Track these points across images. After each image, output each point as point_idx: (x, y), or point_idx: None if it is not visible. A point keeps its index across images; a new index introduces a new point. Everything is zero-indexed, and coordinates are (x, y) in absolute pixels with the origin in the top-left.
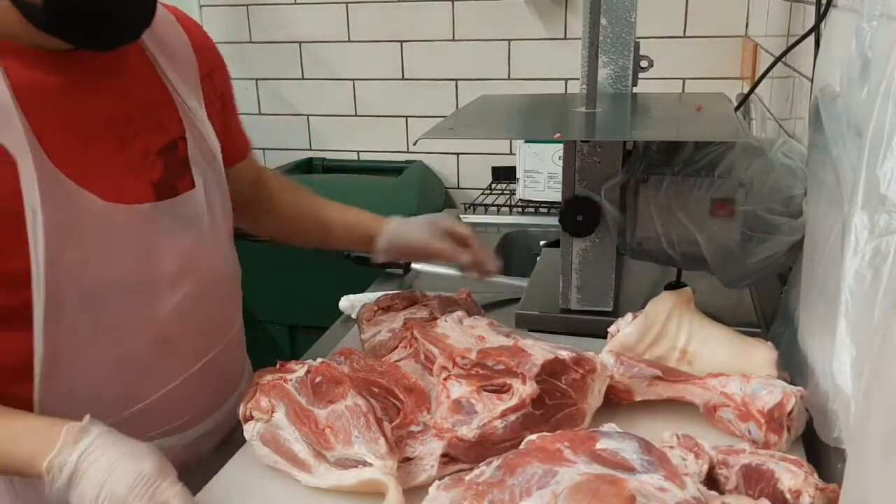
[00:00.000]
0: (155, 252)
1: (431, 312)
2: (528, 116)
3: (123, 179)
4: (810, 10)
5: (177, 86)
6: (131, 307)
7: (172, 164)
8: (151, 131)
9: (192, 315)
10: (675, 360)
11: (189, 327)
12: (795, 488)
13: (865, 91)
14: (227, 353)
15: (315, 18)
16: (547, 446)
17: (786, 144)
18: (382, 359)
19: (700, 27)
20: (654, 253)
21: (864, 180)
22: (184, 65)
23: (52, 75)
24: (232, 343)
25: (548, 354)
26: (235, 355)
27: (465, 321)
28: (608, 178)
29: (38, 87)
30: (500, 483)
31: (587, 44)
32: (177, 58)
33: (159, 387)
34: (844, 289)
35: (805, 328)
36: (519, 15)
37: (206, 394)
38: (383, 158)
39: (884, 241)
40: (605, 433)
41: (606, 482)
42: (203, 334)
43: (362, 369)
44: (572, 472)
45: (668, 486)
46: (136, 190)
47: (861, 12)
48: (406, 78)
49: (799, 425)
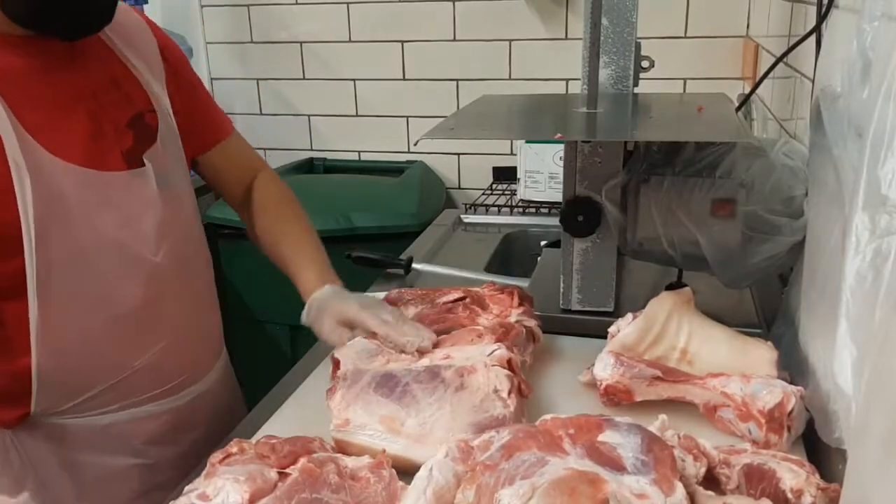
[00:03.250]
0: (133, 218)
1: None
2: (528, 117)
3: (96, 150)
4: (811, 10)
5: (137, 65)
6: (116, 269)
7: (142, 134)
8: (118, 105)
9: (171, 277)
10: (675, 360)
11: (171, 289)
12: (797, 488)
13: (866, 92)
14: (204, 315)
15: (316, 18)
16: (553, 431)
17: (787, 145)
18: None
19: (701, 27)
20: (654, 253)
21: (865, 181)
22: (141, 47)
23: (20, 58)
24: (207, 304)
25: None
26: (213, 316)
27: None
28: (609, 179)
29: (9, 70)
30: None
31: (588, 44)
32: (134, 42)
33: (148, 349)
34: (845, 289)
35: (806, 329)
36: (520, 15)
37: (191, 355)
38: (384, 158)
39: (885, 241)
40: (614, 423)
41: (585, 481)
42: (184, 296)
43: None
44: (559, 466)
45: (650, 492)
46: (109, 159)
47: (862, 13)
48: (407, 78)
49: (799, 425)
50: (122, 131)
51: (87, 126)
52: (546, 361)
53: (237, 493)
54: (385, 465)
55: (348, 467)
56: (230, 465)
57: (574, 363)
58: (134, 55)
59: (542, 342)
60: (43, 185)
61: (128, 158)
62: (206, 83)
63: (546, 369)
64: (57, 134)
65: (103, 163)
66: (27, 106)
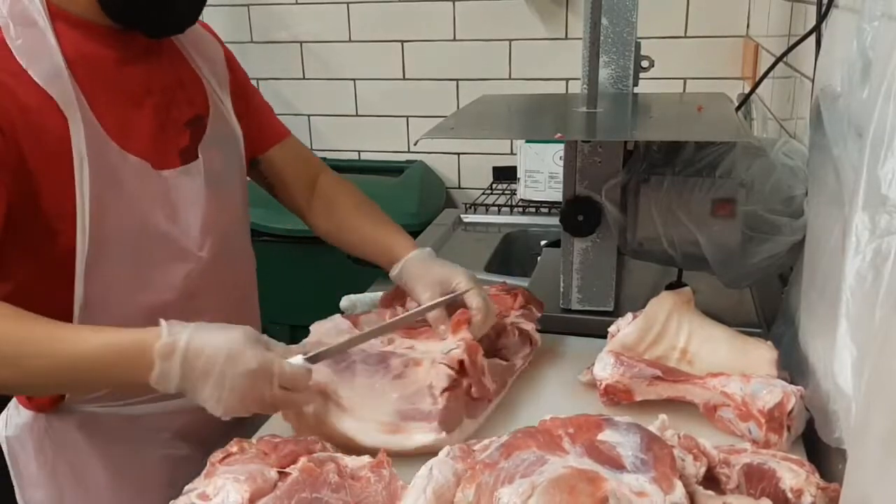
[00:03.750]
0: (181, 210)
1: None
2: (528, 116)
3: (158, 145)
4: (811, 10)
5: (204, 71)
6: (162, 258)
7: (197, 134)
8: (182, 105)
9: (213, 272)
10: (675, 359)
11: (210, 283)
12: (797, 487)
13: (866, 91)
14: (242, 312)
15: (316, 18)
16: (552, 430)
17: (787, 145)
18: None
19: (701, 27)
20: (654, 253)
21: (865, 181)
22: (211, 56)
23: (102, 48)
24: (247, 303)
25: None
26: (251, 315)
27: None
28: (609, 178)
29: (90, 57)
30: (493, 465)
31: (588, 44)
32: (203, 51)
33: None
34: (845, 289)
35: (806, 328)
36: (520, 15)
37: None
38: (384, 158)
39: (885, 241)
40: (613, 423)
41: (585, 479)
42: (222, 291)
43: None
44: (559, 465)
45: (649, 490)
46: (167, 155)
47: (862, 12)
48: (407, 78)
49: (799, 425)
50: (180, 129)
51: (152, 121)
52: (546, 361)
53: (237, 493)
54: (385, 464)
55: (348, 467)
56: (230, 465)
57: (574, 363)
58: (202, 62)
59: (543, 342)
60: (103, 170)
61: (183, 155)
62: None
63: (546, 369)
64: (124, 124)
65: (162, 158)
66: (101, 95)
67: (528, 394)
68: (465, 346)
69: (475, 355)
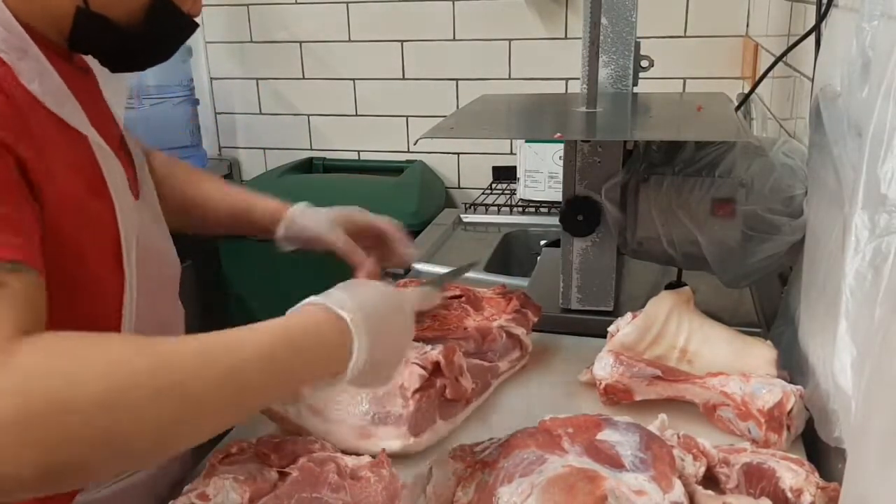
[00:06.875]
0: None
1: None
2: (528, 116)
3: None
4: (811, 9)
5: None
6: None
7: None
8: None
9: (174, 301)
10: (675, 359)
11: (176, 312)
12: (796, 487)
13: (866, 91)
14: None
15: (316, 18)
16: (552, 430)
17: (786, 144)
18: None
19: (701, 27)
20: (654, 253)
21: (864, 180)
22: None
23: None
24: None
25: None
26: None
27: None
28: (609, 178)
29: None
30: (493, 463)
31: (587, 43)
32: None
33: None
34: (845, 288)
35: (806, 328)
36: (519, 15)
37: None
38: (384, 158)
39: (884, 241)
40: (612, 422)
41: (584, 478)
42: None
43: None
44: (558, 464)
45: (648, 489)
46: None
47: (862, 12)
48: (406, 77)
49: (798, 424)
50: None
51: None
52: (546, 361)
53: (237, 493)
54: (385, 464)
55: (348, 467)
56: (230, 465)
57: (574, 363)
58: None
59: (543, 341)
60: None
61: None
62: (205, 83)
63: (546, 369)
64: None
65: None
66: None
67: (526, 393)
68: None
69: (452, 355)
